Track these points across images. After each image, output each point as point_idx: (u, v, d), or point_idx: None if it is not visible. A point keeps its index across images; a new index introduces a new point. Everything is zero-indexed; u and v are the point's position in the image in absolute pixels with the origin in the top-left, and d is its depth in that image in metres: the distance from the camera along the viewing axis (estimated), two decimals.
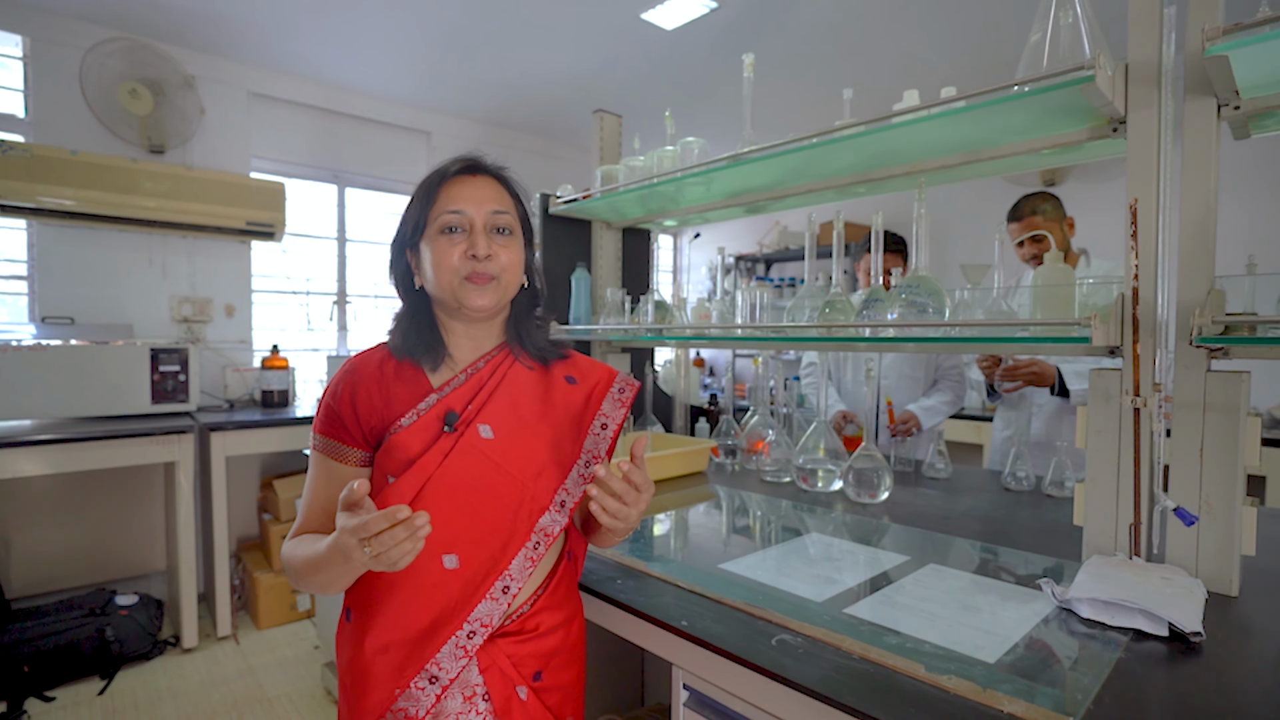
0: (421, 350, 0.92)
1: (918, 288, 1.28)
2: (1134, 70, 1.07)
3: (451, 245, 0.88)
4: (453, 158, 0.94)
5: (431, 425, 0.88)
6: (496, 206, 0.91)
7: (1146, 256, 1.06)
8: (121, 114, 2.84)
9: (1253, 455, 1.02)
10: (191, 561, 2.63)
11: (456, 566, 0.86)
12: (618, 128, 2.15)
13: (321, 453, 0.91)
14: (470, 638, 0.85)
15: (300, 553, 0.84)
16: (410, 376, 0.92)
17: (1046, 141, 1.24)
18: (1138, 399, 1.05)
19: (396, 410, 0.89)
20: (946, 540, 1.32)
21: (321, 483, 0.90)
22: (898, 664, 0.80)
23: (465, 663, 0.85)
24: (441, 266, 0.88)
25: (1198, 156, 1.05)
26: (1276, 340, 0.96)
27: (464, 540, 0.86)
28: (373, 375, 0.91)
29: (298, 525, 0.91)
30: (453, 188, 0.91)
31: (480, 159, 0.95)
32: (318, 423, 0.91)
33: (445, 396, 0.90)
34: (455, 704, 0.85)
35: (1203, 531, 1.05)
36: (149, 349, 2.66)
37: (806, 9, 2.59)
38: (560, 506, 0.92)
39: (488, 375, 0.93)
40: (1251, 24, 0.88)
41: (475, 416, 0.90)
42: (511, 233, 0.92)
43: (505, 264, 0.90)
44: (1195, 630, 0.87)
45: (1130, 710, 0.71)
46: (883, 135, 1.29)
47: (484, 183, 0.92)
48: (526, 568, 0.89)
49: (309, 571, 0.82)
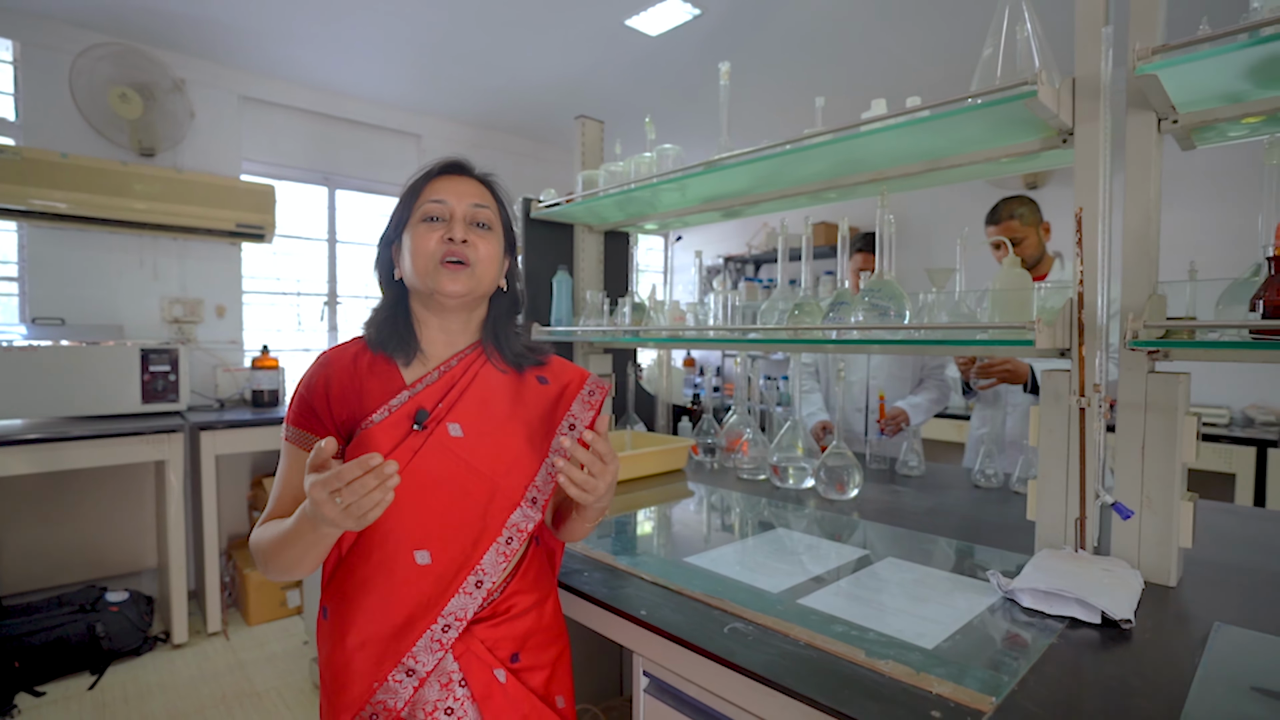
0: (395, 344, 0.94)
1: (880, 291, 1.33)
2: (1080, 85, 1.11)
3: (430, 231, 0.91)
4: (440, 159, 0.98)
5: (402, 422, 0.89)
6: (478, 200, 0.94)
7: (1090, 263, 1.11)
8: (112, 118, 2.87)
9: (1189, 452, 1.07)
10: (181, 558, 2.66)
11: (429, 562, 0.87)
12: (599, 133, 2.19)
13: (293, 443, 0.92)
14: (445, 631, 0.87)
15: (268, 534, 0.85)
16: (383, 371, 0.93)
17: (1002, 151, 1.28)
18: (1082, 399, 1.10)
19: (368, 405, 0.90)
20: (909, 535, 1.36)
21: (293, 472, 0.91)
22: (839, 650, 0.85)
23: (441, 655, 0.86)
24: (418, 251, 0.91)
25: (1139, 168, 1.10)
26: (1210, 344, 1.00)
27: (435, 537, 0.88)
28: (346, 368, 0.92)
29: (267, 513, 0.91)
30: (437, 182, 0.94)
31: (466, 162, 0.98)
32: (291, 413, 0.93)
33: (417, 394, 0.91)
34: (433, 692, 0.87)
35: (1144, 525, 1.10)
36: (139, 349, 2.69)
37: (787, 16, 2.64)
38: (532, 503, 0.93)
39: (460, 373, 0.95)
40: (1178, 45, 0.93)
41: (446, 415, 0.91)
42: (491, 228, 0.95)
43: (482, 254, 0.92)
44: (1126, 618, 0.91)
45: (1052, 690, 0.76)
46: (849, 144, 1.34)
47: (468, 181, 0.96)
48: (499, 563, 0.90)
49: (276, 550, 0.83)
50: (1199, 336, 1.04)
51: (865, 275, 1.34)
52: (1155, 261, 1.12)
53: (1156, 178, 1.11)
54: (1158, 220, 1.12)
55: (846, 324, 1.31)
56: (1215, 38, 0.90)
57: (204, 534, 2.77)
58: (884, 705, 0.73)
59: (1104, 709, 0.72)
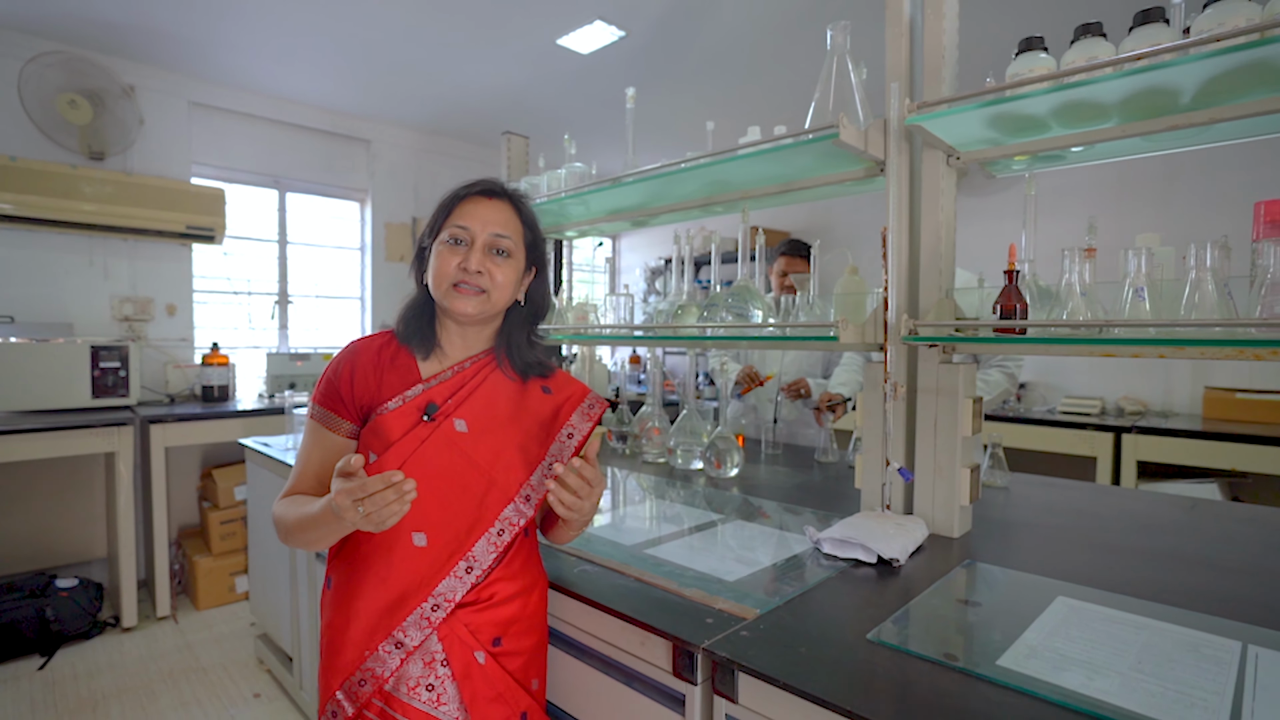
0: (418, 339, 1.02)
1: (739, 295, 1.55)
2: (889, 127, 1.35)
3: (451, 255, 0.98)
4: (478, 179, 1.05)
5: (413, 413, 0.98)
6: (499, 230, 1.00)
7: (895, 273, 1.35)
8: (61, 123, 2.97)
9: (967, 428, 1.31)
10: (131, 546, 2.79)
11: (425, 545, 0.95)
12: (524, 148, 2.39)
13: (317, 421, 1.01)
14: (434, 610, 0.94)
15: (292, 512, 0.94)
16: (404, 364, 1.02)
17: (837, 177, 1.52)
18: (886, 386, 1.34)
19: (386, 393, 0.98)
20: (765, 504, 1.59)
21: (314, 448, 1.01)
22: (658, 581, 1.07)
23: (428, 633, 0.94)
24: (438, 272, 0.99)
25: (931, 195, 1.34)
26: (966, 339, 1.24)
27: (433, 521, 0.95)
28: (371, 358, 1.01)
29: (290, 486, 1.00)
30: (467, 205, 1.00)
31: (499, 184, 1.05)
32: (317, 393, 1.01)
33: (430, 388, 1.00)
34: (416, 669, 0.94)
35: (935, 488, 1.34)
36: (89, 346, 2.80)
37: (704, 39, 2.87)
38: (525, 500, 1.00)
39: (471, 375, 1.03)
40: (934, 102, 1.17)
41: (454, 411, 0.99)
42: (510, 255, 1.01)
43: (497, 281, 0.99)
44: (895, 557, 1.15)
45: (808, 605, 0.98)
46: (717, 167, 1.56)
47: (496, 206, 1.02)
48: (490, 552, 0.97)
49: (299, 529, 0.92)
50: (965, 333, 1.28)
51: (795, 277, 1.53)
52: (949, 271, 1.37)
53: (948, 204, 1.35)
54: (950, 238, 1.37)
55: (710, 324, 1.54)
56: (954, 100, 1.14)
57: (154, 523, 2.89)
58: (676, 616, 0.95)
59: (839, 615, 0.95)
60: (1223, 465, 2.58)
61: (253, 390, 3.64)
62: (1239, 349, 0.94)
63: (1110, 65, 1.00)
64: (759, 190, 1.66)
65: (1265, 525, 1.43)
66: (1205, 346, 0.96)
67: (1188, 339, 0.96)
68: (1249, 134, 1.12)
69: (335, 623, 0.97)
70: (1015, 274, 1.16)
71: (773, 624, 0.92)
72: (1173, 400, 3.10)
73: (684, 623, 0.93)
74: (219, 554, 3.07)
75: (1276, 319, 0.88)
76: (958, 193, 1.39)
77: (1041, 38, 1.17)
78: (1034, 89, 1.08)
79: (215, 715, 2.20)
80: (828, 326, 1.29)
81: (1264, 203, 1.02)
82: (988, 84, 1.16)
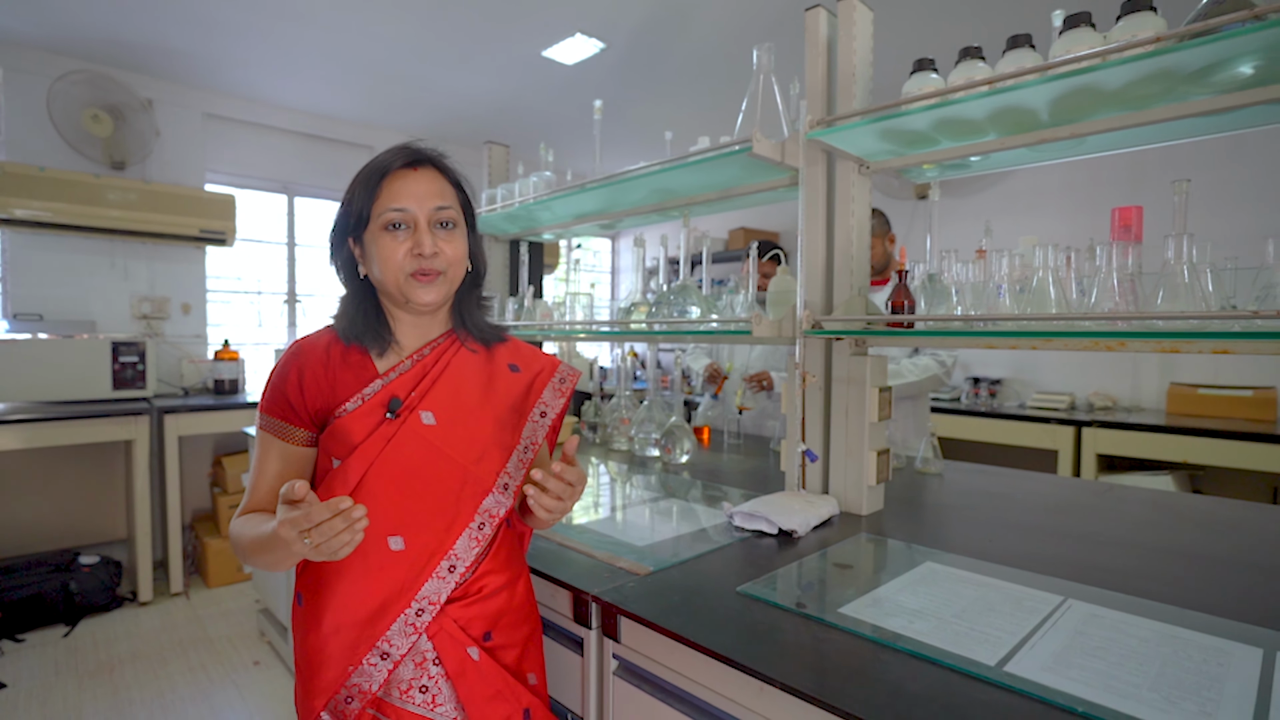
0: (369, 336, 0.94)
1: (680, 294, 1.69)
2: (800, 139, 1.48)
3: (396, 243, 0.89)
4: (392, 148, 0.93)
5: (375, 411, 0.90)
6: (439, 202, 0.91)
7: (805, 272, 1.48)
8: (85, 136, 3.20)
9: (874, 414, 1.43)
10: (147, 527, 3.01)
11: (402, 548, 0.89)
12: (505, 156, 2.55)
13: (268, 432, 0.92)
14: (419, 615, 0.88)
15: (247, 533, 0.86)
16: (356, 362, 0.94)
17: (767, 184, 1.65)
18: (806, 378, 1.47)
19: (341, 395, 0.91)
20: (703, 486, 1.73)
21: (269, 460, 0.92)
22: (579, 547, 1.21)
23: (415, 638, 0.88)
24: (388, 264, 0.89)
25: (843, 202, 1.46)
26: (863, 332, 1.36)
27: (408, 523, 0.90)
28: (319, 359, 0.92)
29: (245, 503, 0.92)
30: (395, 183, 0.90)
31: (419, 149, 0.94)
32: (264, 402, 0.92)
33: (390, 383, 0.93)
34: (408, 671, 0.89)
35: (847, 470, 1.46)
36: (110, 342, 3.03)
37: (680, 50, 3.00)
38: (504, 489, 0.95)
39: (432, 362, 0.96)
40: (830, 119, 1.30)
41: (418, 403, 0.92)
42: (455, 225, 0.94)
43: (451, 258, 0.92)
44: (794, 529, 1.28)
45: (699, 565, 1.12)
46: (660, 176, 1.70)
47: (426, 176, 0.92)
48: (472, 547, 0.92)
49: (255, 551, 0.84)
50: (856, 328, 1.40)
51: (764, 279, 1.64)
52: (861, 271, 1.49)
53: (860, 209, 1.47)
54: (862, 240, 1.49)
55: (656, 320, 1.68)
56: (847, 116, 1.27)
57: (168, 507, 3.11)
58: (581, 572, 1.10)
59: (724, 573, 1.09)
60: (1181, 459, 2.65)
61: (262, 383, 3.86)
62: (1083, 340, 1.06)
63: (975, 86, 1.12)
64: (702, 197, 1.79)
65: (1165, 509, 1.53)
66: (1049, 338, 1.08)
67: (1034, 331, 1.08)
68: (1114, 147, 1.24)
69: (312, 641, 0.90)
70: (904, 274, 1.29)
71: (661, 579, 1.06)
72: (1141, 396, 3.17)
73: (586, 578, 1.07)
74: (228, 536, 3.28)
75: (1110, 314, 1.00)
76: (941, 194, 1.48)
77: (932, 60, 1.29)
78: (912, 107, 1.20)
79: (219, 679, 2.40)
80: (745, 321, 1.42)
81: (1117, 209, 1.13)
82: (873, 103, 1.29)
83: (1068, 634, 0.86)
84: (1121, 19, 1.05)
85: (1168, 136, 1.16)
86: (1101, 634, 0.85)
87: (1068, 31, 1.10)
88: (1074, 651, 0.81)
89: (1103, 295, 1.06)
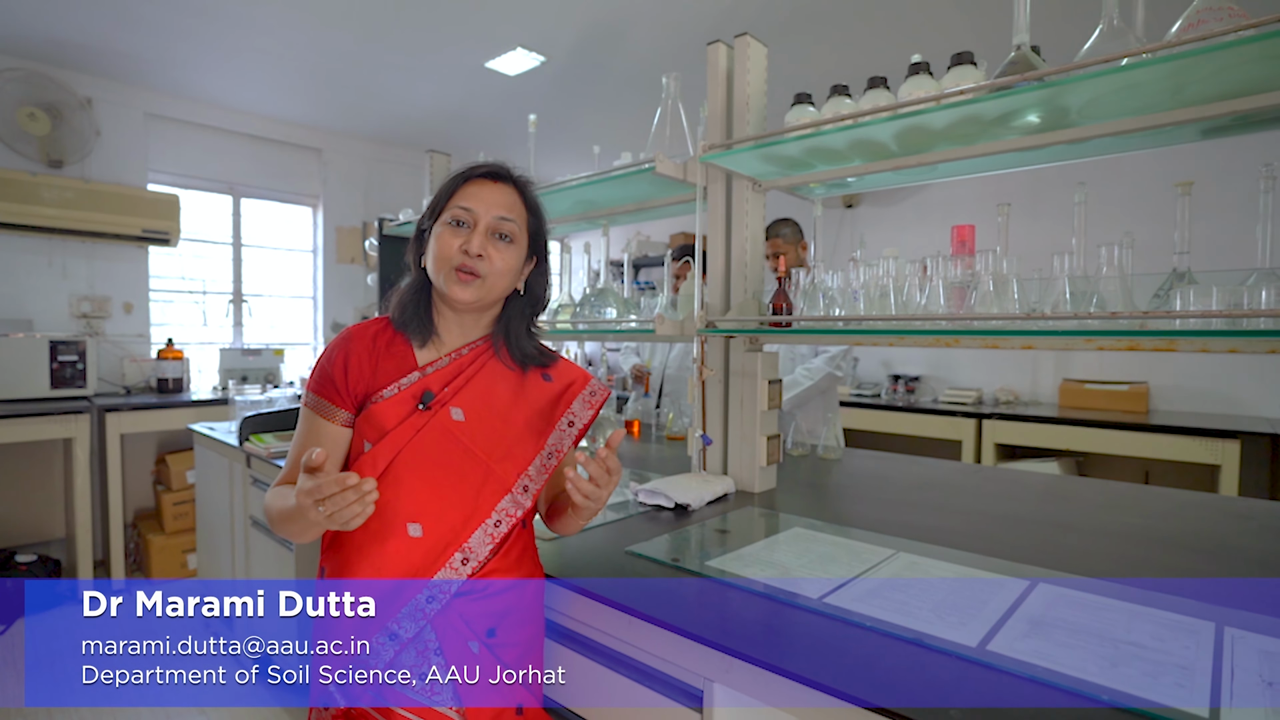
0: (414, 325, 0.99)
1: (600, 296, 1.86)
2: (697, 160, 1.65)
3: (452, 237, 0.95)
4: (484, 161, 1.03)
5: (408, 401, 0.96)
6: (503, 213, 0.97)
7: (712, 277, 1.66)
8: (20, 134, 3.19)
9: (764, 404, 1.62)
10: (88, 526, 3.02)
11: (420, 535, 0.94)
12: (446, 164, 2.68)
13: (311, 409, 0.98)
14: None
15: (278, 503, 0.92)
16: (399, 351, 0.99)
17: (675, 199, 1.83)
18: (704, 371, 1.65)
19: (381, 381, 0.97)
20: (629, 473, 1.89)
21: (308, 437, 0.98)
22: None
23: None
24: (438, 254, 0.96)
25: (740, 215, 1.65)
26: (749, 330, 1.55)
27: (428, 512, 0.94)
28: (366, 344, 0.99)
29: (282, 475, 0.98)
30: (471, 187, 0.98)
31: (506, 167, 1.01)
32: (311, 381, 0.99)
33: (426, 376, 0.98)
34: (410, 657, 0.93)
35: (742, 452, 1.65)
36: (48, 341, 3.04)
37: (617, 66, 3.18)
38: (523, 490, 0.99)
39: (468, 362, 1.01)
40: (717, 145, 1.48)
41: (450, 399, 0.97)
42: (512, 240, 0.98)
43: (497, 267, 0.96)
44: (688, 503, 1.46)
45: (596, 534, 1.29)
46: (581, 189, 1.86)
47: (502, 190, 0.99)
48: (486, 543, 0.96)
49: (283, 521, 0.90)
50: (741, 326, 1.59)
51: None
52: (755, 276, 1.68)
53: (754, 222, 1.66)
54: (756, 249, 1.68)
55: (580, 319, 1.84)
56: (731, 143, 1.45)
57: (109, 505, 3.13)
58: None
59: (620, 537, 1.26)
60: (1067, 446, 2.95)
61: (208, 383, 3.88)
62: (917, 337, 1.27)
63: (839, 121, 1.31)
64: (620, 208, 1.97)
65: (1023, 486, 1.76)
66: (890, 335, 1.28)
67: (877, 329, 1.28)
68: (957, 174, 1.46)
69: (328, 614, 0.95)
70: (783, 279, 1.48)
71: (564, 542, 1.22)
72: (1039, 391, 3.49)
73: None
74: (171, 533, 3.31)
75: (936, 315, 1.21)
76: (864, 204, 1.66)
77: (809, 94, 1.49)
78: (786, 137, 1.39)
79: None
80: (649, 321, 1.60)
81: (956, 226, 1.35)
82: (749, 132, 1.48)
83: (886, 576, 1.05)
84: (950, 69, 1.26)
85: (992, 167, 1.38)
86: (913, 576, 1.05)
87: (910, 78, 1.30)
88: (887, 588, 1.00)
89: (932, 300, 1.26)
